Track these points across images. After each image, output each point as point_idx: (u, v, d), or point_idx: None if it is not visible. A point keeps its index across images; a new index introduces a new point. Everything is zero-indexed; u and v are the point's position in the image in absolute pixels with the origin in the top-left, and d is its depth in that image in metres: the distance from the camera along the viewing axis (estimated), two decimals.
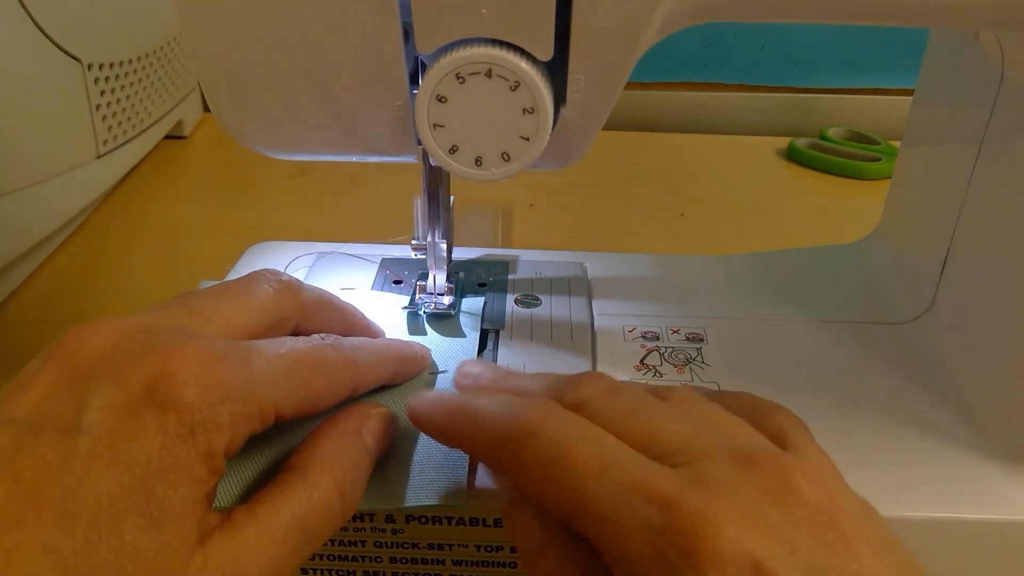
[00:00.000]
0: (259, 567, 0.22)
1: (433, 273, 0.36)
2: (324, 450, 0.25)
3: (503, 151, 0.26)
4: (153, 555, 0.20)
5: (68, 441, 0.21)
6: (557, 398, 0.25)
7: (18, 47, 0.48)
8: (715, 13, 0.27)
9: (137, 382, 0.22)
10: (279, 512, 0.23)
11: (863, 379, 0.34)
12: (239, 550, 0.22)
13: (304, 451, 0.25)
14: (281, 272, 0.29)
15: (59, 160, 0.52)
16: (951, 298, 0.36)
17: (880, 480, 0.29)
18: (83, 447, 0.21)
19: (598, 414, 0.24)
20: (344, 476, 0.25)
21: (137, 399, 0.21)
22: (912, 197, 0.40)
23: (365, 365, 0.28)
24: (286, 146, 0.30)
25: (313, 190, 0.64)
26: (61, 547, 0.20)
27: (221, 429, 0.22)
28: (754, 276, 0.41)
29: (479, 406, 0.25)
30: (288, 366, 0.25)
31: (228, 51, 0.26)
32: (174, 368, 0.22)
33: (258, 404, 0.23)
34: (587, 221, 0.61)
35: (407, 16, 0.25)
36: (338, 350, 0.27)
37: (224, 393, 0.22)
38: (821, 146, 0.71)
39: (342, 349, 0.27)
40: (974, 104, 0.34)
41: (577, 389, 0.25)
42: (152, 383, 0.22)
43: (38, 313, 0.49)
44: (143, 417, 0.21)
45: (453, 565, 0.30)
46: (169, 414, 0.21)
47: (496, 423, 0.24)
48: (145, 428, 0.21)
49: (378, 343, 0.30)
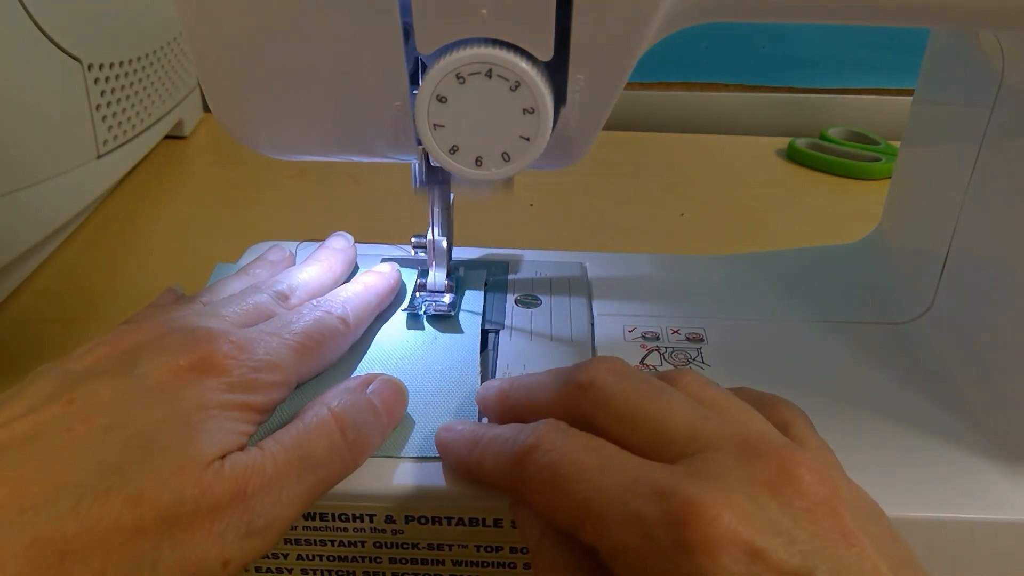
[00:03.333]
0: (263, 481, 0.25)
1: (433, 271, 0.36)
2: (325, 396, 0.29)
3: (503, 151, 0.26)
4: (181, 452, 0.24)
5: (120, 382, 0.25)
6: (568, 379, 0.26)
7: (18, 47, 0.48)
8: (715, 13, 0.27)
9: (184, 357, 0.26)
10: (280, 441, 0.26)
11: (863, 379, 0.34)
12: (248, 464, 0.25)
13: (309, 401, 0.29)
14: None
15: (59, 160, 0.52)
16: (951, 298, 0.36)
17: (880, 480, 0.29)
18: (134, 388, 0.25)
19: (606, 397, 0.25)
20: (343, 412, 0.28)
21: (183, 367, 0.26)
22: (912, 197, 0.40)
23: (356, 318, 0.33)
24: (286, 146, 0.30)
25: (313, 190, 0.64)
26: (104, 445, 0.23)
27: (255, 390, 0.27)
28: (754, 276, 0.41)
29: (491, 435, 0.26)
30: (300, 339, 0.30)
31: (228, 51, 0.26)
32: (215, 347, 0.27)
33: (283, 375, 0.28)
34: (587, 221, 0.61)
35: (407, 16, 0.25)
36: (332, 313, 0.31)
37: (255, 366, 0.27)
38: (821, 146, 0.71)
39: (335, 311, 0.32)
40: (974, 104, 0.34)
41: (587, 371, 0.26)
42: (196, 359, 0.26)
43: (38, 313, 0.49)
44: (188, 378, 0.26)
45: (453, 565, 0.30)
46: (210, 378, 0.26)
47: (505, 446, 0.25)
48: (190, 383, 0.26)
49: (359, 292, 0.34)
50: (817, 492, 0.21)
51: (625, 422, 0.24)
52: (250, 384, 0.27)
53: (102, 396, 0.24)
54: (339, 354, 0.32)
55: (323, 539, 0.29)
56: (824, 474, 0.22)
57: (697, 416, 0.24)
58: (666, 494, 0.21)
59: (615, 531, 0.21)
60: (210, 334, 0.27)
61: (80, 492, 0.22)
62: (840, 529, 0.21)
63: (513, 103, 0.25)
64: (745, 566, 0.19)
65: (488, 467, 0.26)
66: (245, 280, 0.35)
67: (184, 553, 0.23)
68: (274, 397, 0.28)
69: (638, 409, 0.24)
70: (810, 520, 0.20)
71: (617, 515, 0.21)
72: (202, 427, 0.25)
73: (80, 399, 0.24)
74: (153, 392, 0.25)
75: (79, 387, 0.24)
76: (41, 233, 0.52)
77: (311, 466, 0.26)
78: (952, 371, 0.34)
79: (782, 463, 0.21)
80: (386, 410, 0.29)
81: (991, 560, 0.29)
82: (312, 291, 0.34)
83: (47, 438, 0.23)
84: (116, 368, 0.26)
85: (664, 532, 0.20)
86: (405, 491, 0.28)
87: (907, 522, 0.28)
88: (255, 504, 0.24)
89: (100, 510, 0.22)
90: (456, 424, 0.29)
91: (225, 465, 0.24)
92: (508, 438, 0.25)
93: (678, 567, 0.20)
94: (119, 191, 0.63)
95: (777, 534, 0.20)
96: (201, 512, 0.23)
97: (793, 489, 0.21)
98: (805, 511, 0.21)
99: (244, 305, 0.31)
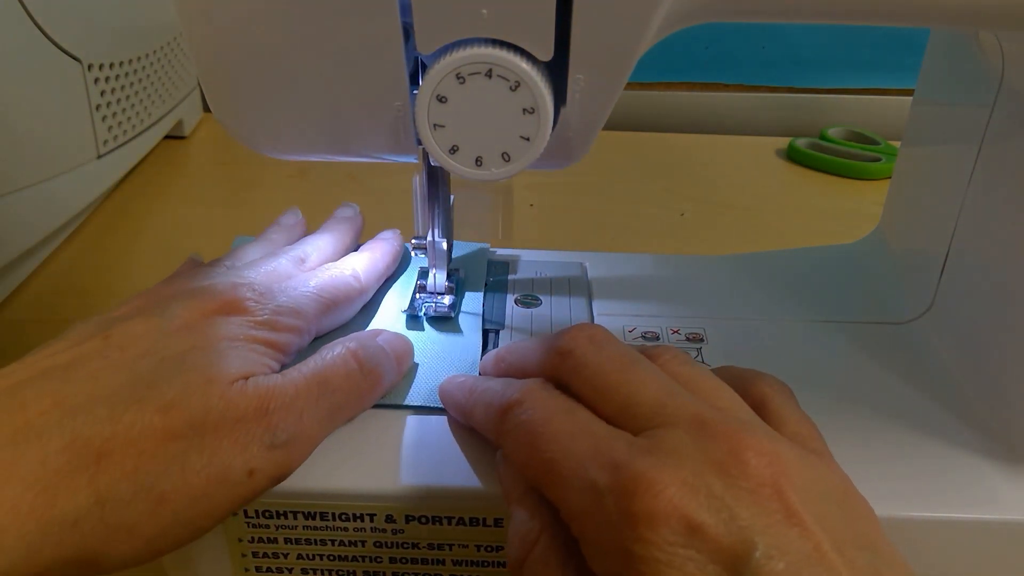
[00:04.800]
0: (284, 400, 0.27)
1: (433, 272, 0.36)
2: (340, 339, 0.30)
3: (503, 151, 0.26)
4: (208, 369, 0.26)
5: (153, 321, 0.27)
6: (550, 346, 0.27)
7: (18, 47, 0.48)
8: (715, 13, 0.27)
9: (212, 302, 0.29)
10: (300, 369, 0.28)
11: (863, 379, 0.34)
12: (270, 385, 0.27)
13: None
14: None
15: (59, 160, 0.52)
16: (951, 298, 0.36)
17: (880, 480, 0.29)
18: (166, 325, 0.27)
19: (581, 366, 0.26)
20: (359, 347, 0.30)
21: (211, 310, 0.29)
22: (912, 197, 0.40)
23: (368, 277, 0.35)
24: (286, 146, 0.30)
25: (313, 190, 0.64)
26: (137, 367, 0.26)
27: (278, 330, 0.29)
28: (754, 276, 0.41)
29: (485, 386, 0.29)
30: (319, 293, 0.32)
31: (228, 51, 0.26)
32: (238, 292, 0.30)
33: (305, 321, 0.31)
34: (587, 221, 0.61)
35: (407, 16, 0.25)
36: (345, 272, 0.34)
37: (277, 309, 0.30)
38: (821, 146, 0.71)
39: (347, 270, 0.34)
40: (974, 104, 0.34)
41: (567, 339, 0.27)
42: (223, 303, 0.29)
43: (39, 312, 0.49)
44: (215, 319, 0.28)
45: (453, 565, 0.30)
46: (235, 316, 0.29)
47: (495, 398, 0.27)
48: (217, 322, 0.28)
49: (371, 257, 0.36)
50: (762, 473, 0.22)
51: (597, 391, 0.25)
52: (273, 324, 0.29)
53: (136, 331, 0.27)
54: (353, 312, 0.35)
55: (323, 539, 0.29)
56: (774, 457, 0.22)
57: (664, 391, 0.25)
58: (619, 466, 0.22)
59: (574, 495, 0.23)
60: (234, 285, 0.30)
61: (116, 401, 0.24)
62: (783, 509, 0.21)
63: (513, 103, 0.25)
64: (684, 538, 0.20)
65: (478, 416, 0.28)
66: (264, 246, 0.36)
67: (211, 459, 0.25)
68: (295, 340, 0.30)
69: (608, 379, 0.25)
70: (753, 500, 0.21)
71: (577, 480, 0.23)
72: (228, 352, 0.27)
73: (116, 334, 0.27)
74: (182, 330, 0.27)
75: (115, 326, 0.27)
76: (41, 233, 0.52)
77: (329, 391, 0.28)
78: (952, 371, 0.34)
79: (732, 445, 0.22)
80: (396, 355, 0.31)
81: (991, 560, 0.29)
82: (326, 256, 0.36)
83: (87, 363, 0.26)
84: (149, 310, 0.28)
85: (613, 501, 0.21)
86: (405, 491, 0.28)
87: (907, 522, 0.28)
88: (277, 420, 0.26)
89: (133, 416, 0.24)
90: (459, 376, 0.31)
91: (248, 384, 0.26)
92: (498, 391, 0.27)
93: (622, 535, 0.21)
94: (119, 191, 0.63)
95: (718, 511, 0.21)
96: (226, 422, 0.25)
97: (739, 470, 0.22)
98: (749, 491, 0.21)
99: (265, 267, 0.33)
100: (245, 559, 0.30)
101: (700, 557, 0.20)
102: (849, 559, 0.21)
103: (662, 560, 0.20)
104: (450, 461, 0.29)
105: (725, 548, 0.20)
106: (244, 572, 0.30)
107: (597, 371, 0.26)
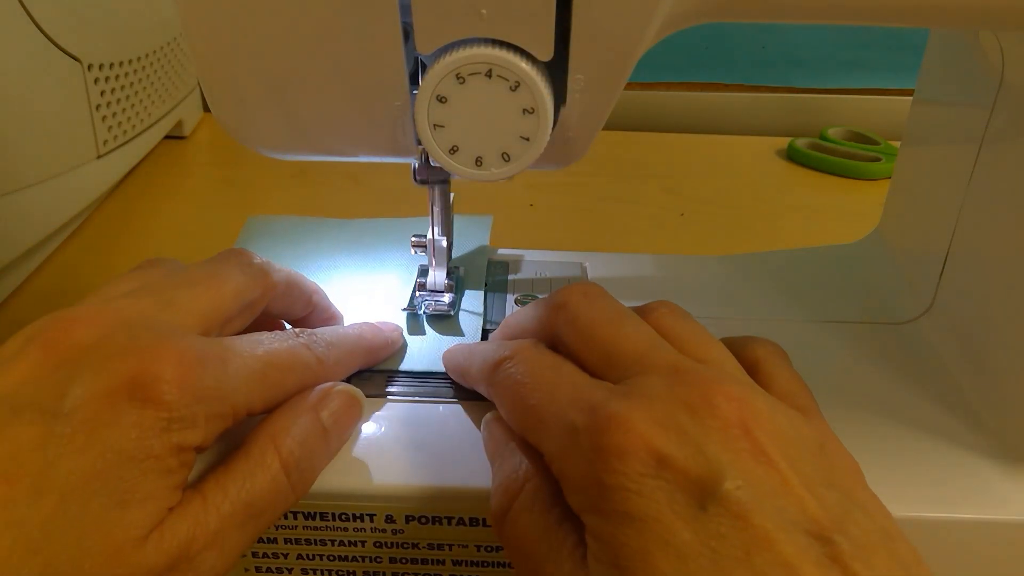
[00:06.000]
0: (206, 540, 0.23)
1: (433, 270, 0.36)
2: (272, 426, 0.26)
3: (503, 151, 0.26)
4: (116, 532, 0.22)
5: (47, 423, 0.22)
6: (547, 302, 0.29)
7: (18, 47, 0.48)
8: (715, 13, 0.27)
9: (120, 376, 0.23)
10: (224, 488, 0.24)
11: (863, 379, 0.34)
12: (189, 525, 0.23)
13: (256, 428, 0.26)
14: (251, 253, 0.30)
15: (59, 160, 0.52)
16: (951, 298, 0.36)
17: (879, 480, 0.29)
18: (61, 430, 0.22)
19: (573, 317, 0.27)
20: (290, 452, 0.26)
21: (118, 392, 0.23)
22: (912, 197, 0.40)
23: (336, 363, 0.29)
24: (286, 146, 0.30)
25: (313, 190, 0.64)
26: (28, 521, 0.21)
27: (196, 427, 0.24)
28: (754, 276, 0.41)
29: (482, 347, 0.30)
30: (263, 368, 0.26)
31: (228, 51, 0.26)
32: (156, 367, 0.23)
33: (232, 405, 0.25)
34: (587, 221, 0.61)
35: (407, 16, 0.25)
36: (311, 349, 0.28)
37: (201, 394, 0.24)
38: (821, 146, 0.71)
39: (315, 348, 0.28)
40: (974, 104, 0.34)
41: (563, 293, 0.28)
42: (134, 379, 0.23)
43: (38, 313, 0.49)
44: (122, 409, 0.23)
45: (453, 565, 0.30)
46: (148, 410, 0.23)
47: (488, 354, 0.29)
48: (123, 419, 0.22)
49: (350, 336, 0.31)
50: (732, 415, 0.22)
51: (583, 341, 0.27)
52: (192, 419, 0.23)
53: (25, 442, 0.22)
54: (299, 391, 0.28)
55: (323, 539, 0.29)
56: (744, 402, 0.23)
57: (647, 343, 0.26)
58: (596, 408, 0.23)
59: (554, 438, 0.24)
60: (156, 349, 0.24)
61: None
62: (751, 448, 0.22)
63: (513, 103, 0.25)
64: (653, 469, 0.21)
65: (473, 372, 0.29)
66: None
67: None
68: (217, 430, 0.25)
69: (596, 330, 0.27)
70: (722, 437, 0.22)
71: (557, 424, 0.24)
72: (136, 492, 0.22)
73: (4, 446, 0.21)
74: (81, 436, 0.22)
75: (3, 429, 0.22)
76: (41, 233, 0.52)
77: (254, 514, 0.25)
78: (952, 371, 0.34)
79: (704, 390, 0.23)
80: (337, 431, 0.28)
81: (991, 560, 0.29)
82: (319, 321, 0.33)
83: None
84: (43, 397, 0.23)
85: (587, 439, 0.22)
86: (405, 491, 0.28)
87: (907, 522, 0.28)
88: (199, 563, 0.23)
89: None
90: (460, 344, 0.32)
91: (165, 535, 0.23)
92: (492, 349, 0.29)
93: (594, 468, 0.22)
94: (119, 191, 0.63)
95: (686, 444, 0.22)
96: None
97: (709, 411, 0.22)
98: (717, 429, 0.22)
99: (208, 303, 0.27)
100: (245, 559, 0.30)
101: (668, 487, 0.21)
102: (818, 495, 0.21)
103: (632, 489, 0.21)
104: (450, 461, 0.29)
105: (693, 479, 0.21)
106: (244, 572, 0.30)
107: (587, 323, 0.27)
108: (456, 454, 0.29)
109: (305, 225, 0.43)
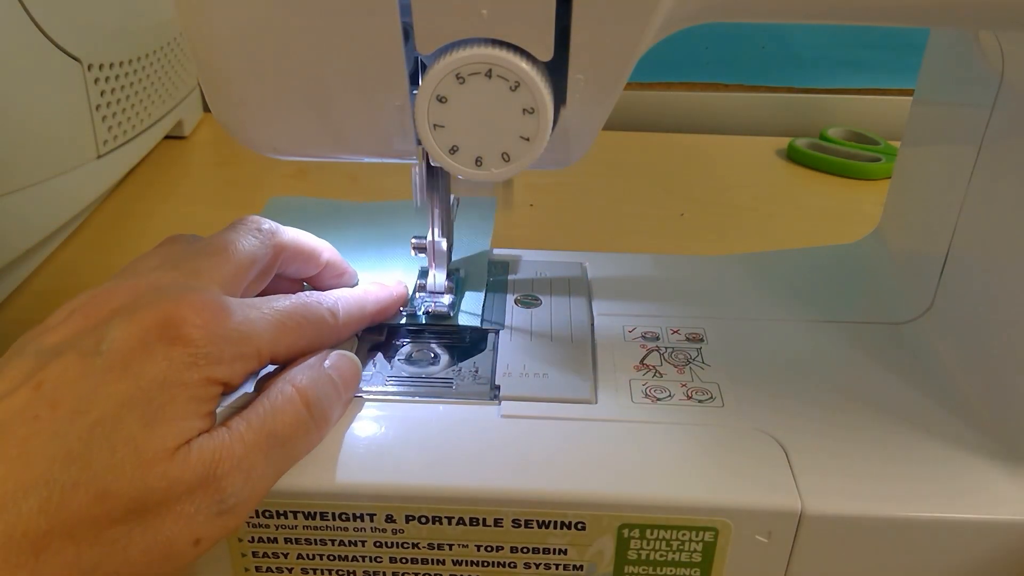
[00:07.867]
0: (232, 463, 0.25)
1: (433, 272, 0.36)
2: (288, 372, 0.29)
3: (503, 151, 0.26)
4: (146, 445, 0.24)
5: (87, 360, 0.25)
6: None
7: (18, 47, 0.48)
8: (715, 13, 0.27)
9: (151, 320, 0.26)
10: (247, 420, 0.27)
11: (863, 379, 0.34)
12: (215, 447, 0.25)
13: (273, 377, 0.29)
14: (261, 219, 0.33)
15: (59, 160, 0.52)
16: (951, 298, 0.36)
17: (880, 480, 0.29)
18: (100, 364, 0.25)
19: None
20: (305, 386, 0.28)
21: (150, 333, 0.25)
22: (912, 197, 0.40)
23: (346, 316, 0.32)
24: (286, 146, 0.30)
25: (313, 190, 0.64)
26: (69, 434, 0.23)
27: (222, 363, 0.26)
28: (754, 276, 0.41)
29: None
30: (281, 316, 0.29)
31: (228, 52, 0.26)
32: (184, 312, 0.26)
33: (256, 347, 0.27)
34: (587, 221, 0.61)
35: (407, 16, 0.25)
36: (323, 304, 0.31)
37: (225, 335, 0.26)
38: (821, 146, 0.71)
39: (325, 302, 0.31)
40: (974, 104, 0.34)
41: None
42: (164, 321, 0.26)
43: (38, 313, 0.49)
44: (154, 347, 0.25)
45: (453, 565, 0.30)
46: (176, 347, 0.25)
47: None
48: (155, 354, 0.25)
49: (357, 294, 0.33)
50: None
51: None
52: (218, 356, 0.26)
53: (69, 376, 0.25)
54: (323, 346, 0.31)
55: (323, 539, 0.29)
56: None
57: None
58: None
59: None
60: (183, 298, 0.26)
61: (48, 490, 0.23)
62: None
63: (513, 103, 0.25)
64: None
65: None
66: None
67: (155, 536, 0.24)
68: (243, 370, 0.27)
69: None
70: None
71: None
72: (165, 412, 0.25)
73: (49, 382, 0.24)
74: (117, 368, 0.25)
75: (48, 367, 0.25)
76: (41, 233, 0.52)
77: (279, 443, 0.27)
78: (952, 371, 0.34)
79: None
80: (344, 384, 0.30)
81: (991, 560, 0.29)
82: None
83: (14, 428, 0.24)
84: (84, 344, 0.26)
85: None
86: (405, 491, 0.28)
87: (907, 522, 0.28)
88: (226, 485, 0.25)
89: (69, 506, 0.23)
90: None
91: (192, 451, 0.25)
92: None
93: None
94: (119, 191, 0.63)
95: None
96: (170, 499, 0.24)
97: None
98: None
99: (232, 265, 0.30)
100: (245, 559, 0.30)
101: None
102: None
103: None
104: (450, 461, 0.29)
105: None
106: (244, 572, 0.30)
107: None
108: (456, 454, 0.29)
109: (323, 207, 0.44)
